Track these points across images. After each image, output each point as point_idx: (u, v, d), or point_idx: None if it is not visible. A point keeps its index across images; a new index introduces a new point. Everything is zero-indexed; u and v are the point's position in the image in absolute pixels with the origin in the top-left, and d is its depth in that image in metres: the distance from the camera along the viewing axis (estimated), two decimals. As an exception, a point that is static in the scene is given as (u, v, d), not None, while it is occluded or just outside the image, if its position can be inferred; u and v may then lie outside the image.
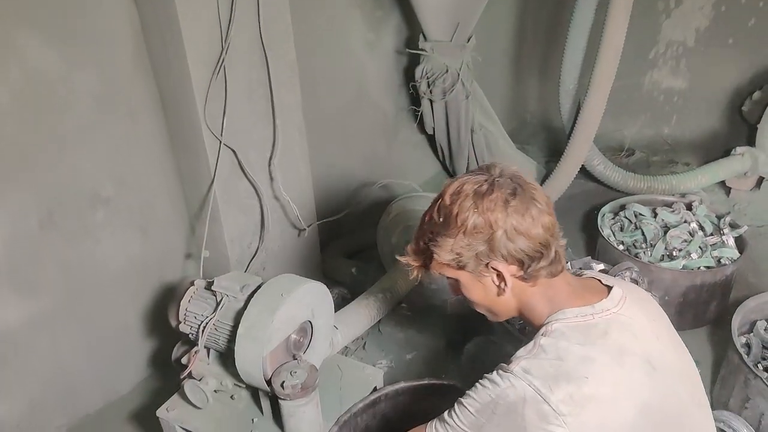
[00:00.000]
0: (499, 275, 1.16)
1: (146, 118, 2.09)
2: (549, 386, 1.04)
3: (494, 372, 1.12)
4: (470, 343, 1.85)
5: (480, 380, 1.13)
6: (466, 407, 1.12)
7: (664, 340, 1.17)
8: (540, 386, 1.04)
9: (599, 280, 1.25)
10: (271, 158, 2.28)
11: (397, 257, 1.30)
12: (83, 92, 1.89)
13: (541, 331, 1.13)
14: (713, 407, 2.16)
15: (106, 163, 2.01)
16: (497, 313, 1.25)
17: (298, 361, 1.64)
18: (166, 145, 2.17)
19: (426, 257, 1.23)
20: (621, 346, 1.09)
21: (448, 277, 1.25)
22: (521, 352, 1.12)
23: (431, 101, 3.18)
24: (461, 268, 1.18)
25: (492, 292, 1.20)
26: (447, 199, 1.15)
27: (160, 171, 2.19)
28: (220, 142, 2.07)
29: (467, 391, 1.14)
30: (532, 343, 1.12)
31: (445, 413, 1.17)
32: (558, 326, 1.12)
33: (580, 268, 2.39)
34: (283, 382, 1.55)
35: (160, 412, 1.81)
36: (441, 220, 1.16)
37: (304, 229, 2.52)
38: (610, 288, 1.20)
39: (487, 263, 1.15)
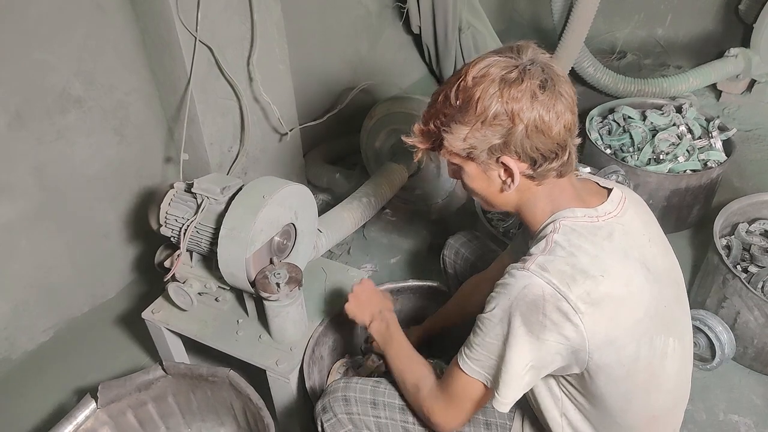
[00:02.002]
0: (508, 171, 1.09)
1: (115, 13, 1.96)
2: (567, 283, 1.01)
3: (506, 275, 1.08)
4: (453, 237, 1.84)
5: (494, 289, 1.09)
6: (488, 320, 1.08)
7: (655, 242, 1.16)
8: (559, 284, 1.01)
9: (596, 183, 1.21)
10: (249, 57, 2.18)
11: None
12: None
13: (550, 228, 1.09)
14: (690, 307, 2.22)
15: (74, 61, 1.90)
16: (494, 205, 1.19)
17: (275, 263, 1.63)
18: (137, 42, 2.06)
19: (435, 141, 1.13)
20: (624, 249, 1.08)
21: (450, 162, 1.17)
22: (534, 250, 1.08)
23: (417, -4, 3.04)
24: (470, 159, 1.11)
25: (495, 186, 1.14)
26: (469, 81, 1.04)
27: (132, 70, 2.08)
28: (195, 38, 1.96)
29: (486, 303, 1.09)
30: (544, 241, 1.08)
31: (470, 336, 1.13)
32: (568, 223, 1.09)
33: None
34: (278, 283, 1.55)
35: (146, 314, 1.82)
36: (458, 103, 1.06)
37: (286, 133, 2.45)
38: (608, 190, 1.17)
39: (498, 157, 1.07)
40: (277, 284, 1.55)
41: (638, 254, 1.10)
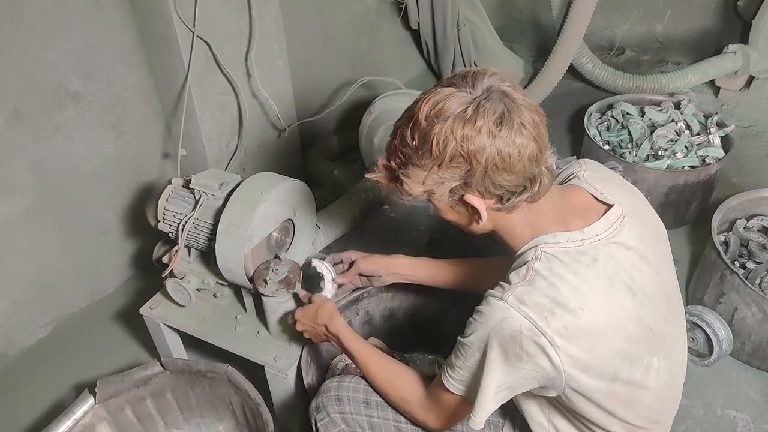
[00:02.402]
0: (473, 208, 1.06)
1: (112, 9, 1.96)
2: (545, 318, 0.99)
3: (485, 302, 1.05)
4: (453, 231, 1.84)
5: (473, 315, 1.07)
6: (468, 346, 1.07)
7: (648, 260, 1.12)
8: (536, 318, 0.99)
9: (593, 196, 1.15)
10: (247, 52, 2.18)
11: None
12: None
13: (531, 254, 1.06)
14: (687, 303, 2.22)
15: (72, 56, 1.90)
16: (471, 232, 1.17)
17: (280, 259, 1.62)
18: (135, 37, 2.05)
19: (397, 180, 1.09)
20: (609, 276, 1.05)
21: None
22: (514, 278, 1.04)
23: (416, -7, 3.03)
24: (434, 199, 1.08)
25: (465, 219, 1.12)
26: (423, 120, 0.99)
27: (130, 65, 2.08)
28: (193, 33, 1.95)
29: (466, 328, 1.08)
30: (525, 268, 1.04)
31: (451, 356, 1.12)
32: (549, 249, 1.05)
33: (565, 169, 2.37)
34: (266, 279, 1.54)
35: (144, 310, 1.82)
36: (414, 143, 1.01)
37: (284, 129, 2.45)
38: (605, 204, 1.13)
39: (462, 196, 1.04)
40: (264, 281, 1.54)
41: (625, 277, 1.07)
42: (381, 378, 1.31)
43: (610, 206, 1.12)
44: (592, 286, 1.03)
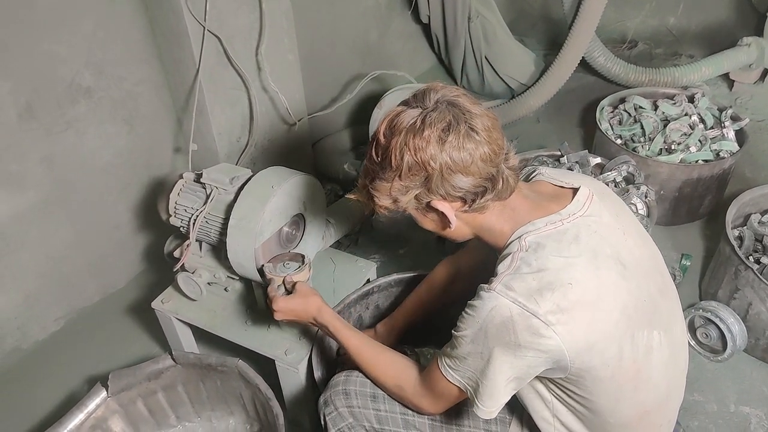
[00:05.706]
0: (443, 214, 1.11)
1: (123, 3, 1.96)
2: (534, 299, 1.01)
3: (476, 296, 1.08)
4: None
5: (466, 308, 1.10)
6: (461, 339, 1.09)
7: (631, 234, 1.15)
8: (525, 302, 1.01)
9: (555, 184, 1.20)
10: (258, 47, 2.17)
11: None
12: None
13: (515, 247, 1.09)
14: (701, 298, 2.20)
15: (83, 51, 1.91)
16: (453, 239, 1.21)
17: (291, 253, 1.62)
18: (146, 32, 2.06)
19: (370, 195, 1.17)
20: (594, 249, 1.07)
21: None
22: (501, 268, 1.08)
23: (426, -14, 3.02)
24: (403, 209, 1.14)
25: (440, 225, 1.17)
26: (381, 137, 1.08)
27: (141, 60, 2.08)
28: (204, 28, 1.96)
29: (458, 322, 1.11)
30: (510, 258, 1.08)
31: (447, 347, 1.14)
32: (532, 238, 1.08)
33: (576, 162, 2.36)
34: (276, 273, 1.54)
35: (156, 304, 1.83)
36: (378, 159, 1.10)
37: (295, 123, 2.45)
38: (572, 189, 1.17)
39: (429, 202, 1.10)
40: (286, 275, 1.54)
41: (611, 251, 1.09)
42: (375, 367, 1.32)
43: (576, 190, 1.16)
44: (577, 260, 1.05)
